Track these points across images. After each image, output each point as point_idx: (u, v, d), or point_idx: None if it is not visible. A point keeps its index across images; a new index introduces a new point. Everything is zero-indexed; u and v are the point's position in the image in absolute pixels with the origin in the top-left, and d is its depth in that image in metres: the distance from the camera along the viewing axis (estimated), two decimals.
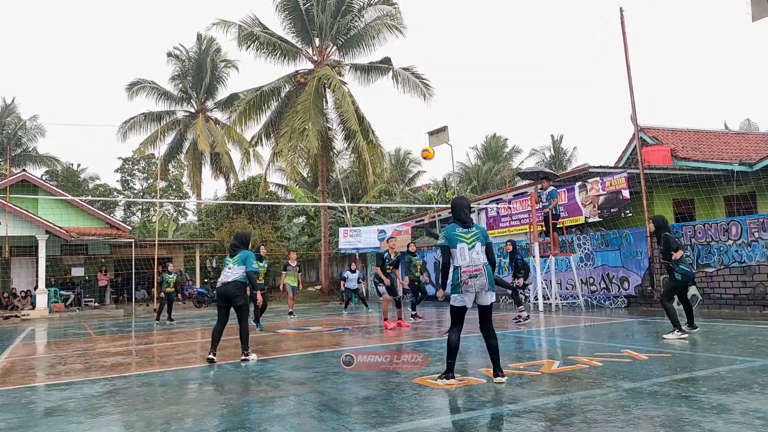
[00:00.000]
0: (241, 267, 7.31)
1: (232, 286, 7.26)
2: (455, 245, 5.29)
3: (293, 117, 23.69)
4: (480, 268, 5.23)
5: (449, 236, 5.34)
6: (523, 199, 16.98)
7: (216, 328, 7.38)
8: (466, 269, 5.22)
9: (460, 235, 5.32)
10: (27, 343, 11.38)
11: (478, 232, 5.39)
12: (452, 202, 5.63)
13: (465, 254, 5.26)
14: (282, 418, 4.31)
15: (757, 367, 5.55)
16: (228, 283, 7.27)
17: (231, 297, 7.28)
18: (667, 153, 17.44)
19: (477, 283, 5.20)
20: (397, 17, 25.45)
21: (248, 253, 7.44)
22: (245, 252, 7.44)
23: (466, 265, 5.23)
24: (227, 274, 7.34)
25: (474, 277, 5.20)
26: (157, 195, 29.90)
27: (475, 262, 5.24)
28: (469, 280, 5.19)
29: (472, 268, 5.22)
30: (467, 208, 5.56)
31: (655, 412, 4.01)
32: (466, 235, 5.33)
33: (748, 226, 11.54)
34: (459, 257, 5.27)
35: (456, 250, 5.28)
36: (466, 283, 5.19)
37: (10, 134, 39.58)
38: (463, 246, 5.27)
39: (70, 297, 23.88)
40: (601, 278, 14.62)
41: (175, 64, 36.56)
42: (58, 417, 4.66)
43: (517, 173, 25.47)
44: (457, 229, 5.37)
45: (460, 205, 5.52)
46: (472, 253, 5.26)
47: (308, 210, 31.96)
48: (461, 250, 5.27)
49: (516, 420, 3.99)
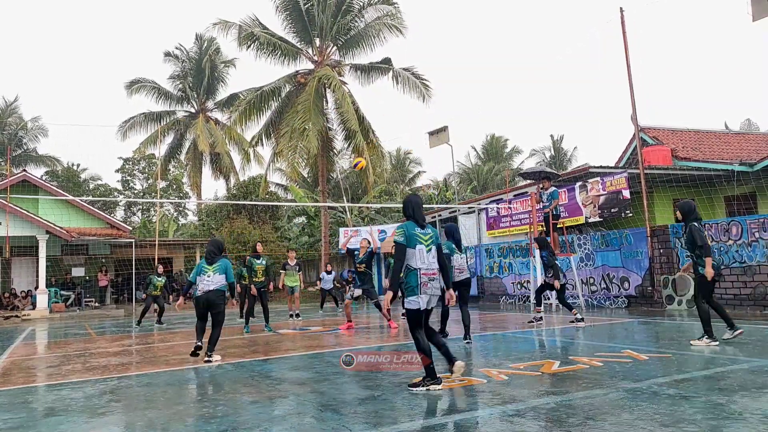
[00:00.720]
0: (221, 276, 7.51)
1: (214, 295, 7.45)
2: (414, 245, 5.06)
3: (293, 117, 23.70)
4: (435, 272, 5.11)
5: (409, 235, 5.08)
6: (524, 199, 16.99)
7: (199, 325, 7.64)
8: (426, 272, 5.05)
9: (419, 235, 5.11)
10: (27, 343, 11.38)
11: (433, 235, 5.22)
12: (407, 198, 5.37)
13: (424, 256, 5.07)
14: (282, 418, 4.31)
15: (757, 367, 5.55)
16: (210, 291, 7.44)
17: (212, 305, 7.47)
18: (667, 153, 17.45)
19: (434, 286, 5.08)
20: (397, 17, 25.44)
21: (227, 262, 7.66)
22: (225, 261, 7.66)
23: (426, 267, 5.05)
24: (207, 282, 7.46)
25: (432, 280, 5.07)
26: (158, 195, 29.93)
27: (432, 266, 5.09)
28: (428, 282, 5.04)
29: (429, 271, 5.07)
30: (421, 207, 5.35)
31: (656, 412, 4.01)
32: (424, 236, 5.13)
33: (748, 227, 11.53)
34: (418, 259, 5.04)
35: (415, 250, 5.06)
36: (425, 285, 5.02)
37: (11, 134, 39.59)
38: (422, 248, 5.07)
39: (71, 297, 23.89)
40: (602, 278, 14.62)
41: (174, 64, 36.59)
42: (59, 417, 4.66)
43: (518, 173, 25.47)
44: (416, 229, 5.14)
45: (417, 204, 5.31)
46: (429, 255, 5.10)
47: (308, 210, 31.98)
48: (420, 251, 5.06)
49: (516, 420, 3.99)
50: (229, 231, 25.95)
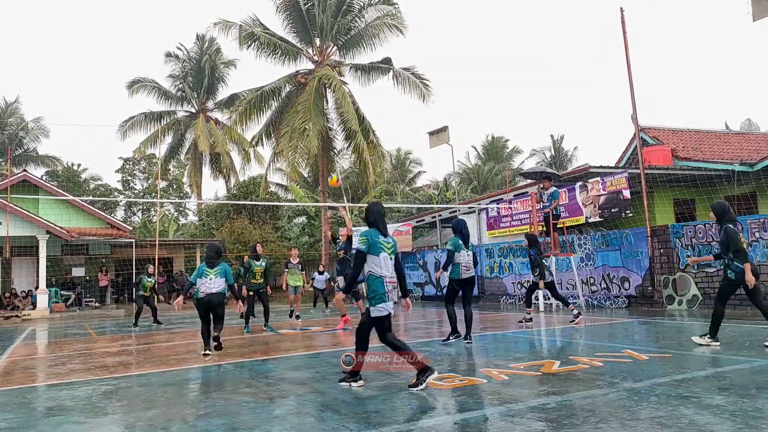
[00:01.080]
0: (222, 279, 7.95)
1: (216, 297, 7.91)
2: (378, 253, 5.10)
3: (294, 117, 23.70)
4: (395, 281, 5.28)
5: (373, 242, 5.12)
6: (524, 199, 16.98)
7: (204, 328, 8.02)
8: (390, 279, 5.16)
9: (383, 243, 5.16)
10: (28, 343, 11.39)
11: (394, 244, 5.33)
12: (370, 206, 5.40)
13: (388, 264, 5.15)
14: (283, 418, 4.31)
15: (758, 367, 5.55)
16: (212, 294, 7.89)
17: (214, 307, 7.94)
18: (667, 153, 17.44)
19: (395, 293, 5.29)
20: (398, 17, 25.44)
21: (226, 266, 8.16)
22: (224, 265, 8.14)
23: (390, 275, 5.13)
24: (210, 285, 7.88)
25: (394, 288, 5.29)
26: (158, 195, 29.92)
27: (393, 274, 5.21)
28: (392, 290, 5.25)
29: (392, 278, 5.22)
30: (383, 215, 5.43)
31: (656, 412, 4.01)
32: (387, 244, 5.19)
33: (748, 226, 11.53)
34: (383, 266, 5.12)
35: (379, 258, 5.10)
36: (390, 293, 5.18)
37: (11, 135, 39.60)
38: (385, 255, 5.14)
39: (71, 297, 23.90)
40: (602, 278, 14.62)
41: (174, 64, 36.58)
42: (59, 417, 4.66)
43: (519, 173, 25.49)
44: (380, 237, 5.19)
45: (380, 212, 5.36)
46: (391, 264, 5.21)
47: (309, 210, 31.99)
48: (384, 259, 5.12)
49: (516, 420, 3.99)
50: (229, 231, 25.95)
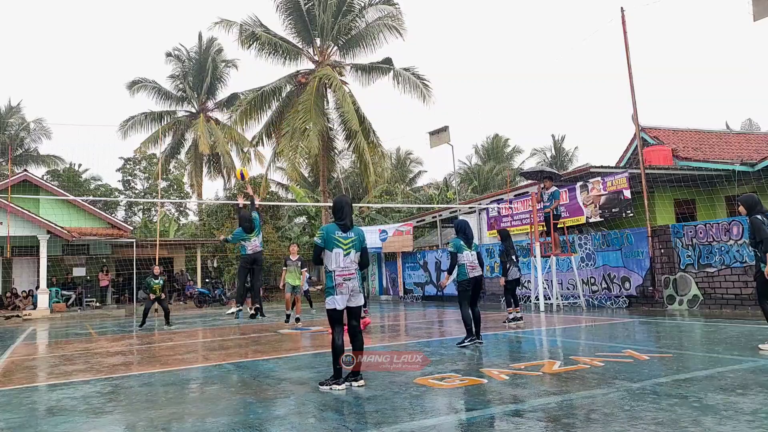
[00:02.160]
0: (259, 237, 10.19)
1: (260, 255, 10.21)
2: (331, 248, 5.27)
3: (294, 117, 23.70)
4: (353, 272, 5.31)
5: (327, 238, 5.30)
6: (524, 198, 16.98)
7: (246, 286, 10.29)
8: (341, 273, 5.26)
9: (338, 239, 5.30)
10: (28, 343, 11.40)
11: (356, 239, 5.37)
12: (335, 200, 5.54)
13: (339, 259, 5.27)
14: (283, 418, 4.32)
15: (758, 367, 5.55)
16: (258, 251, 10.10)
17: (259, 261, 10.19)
18: (668, 153, 17.43)
19: (350, 285, 5.27)
20: (398, 18, 25.43)
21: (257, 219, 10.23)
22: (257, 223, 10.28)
23: (340, 269, 5.26)
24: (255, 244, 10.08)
25: (348, 280, 5.28)
26: (159, 195, 29.93)
27: (348, 268, 5.29)
28: (343, 282, 5.25)
29: (345, 271, 5.27)
30: (350, 209, 5.50)
31: (657, 412, 4.01)
32: (344, 240, 5.31)
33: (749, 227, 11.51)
34: (333, 261, 5.26)
35: (331, 253, 5.27)
36: (340, 285, 5.24)
37: (13, 135, 39.61)
38: (339, 251, 5.27)
39: (72, 297, 23.91)
40: (602, 278, 14.62)
41: (175, 65, 36.56)
42: (60, 417, 4.67)
43: (519, 173, 25.46)
44: (337, 232, 5.32)
45: (345, 203, 5.46)
46: (347, 259, 5.29)
47: (309, 210, 31.98)
48: (336, 254, 5.27)
49: (517, 420, 3.99)
50: (230, 231, 25.92)
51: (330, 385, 5.20)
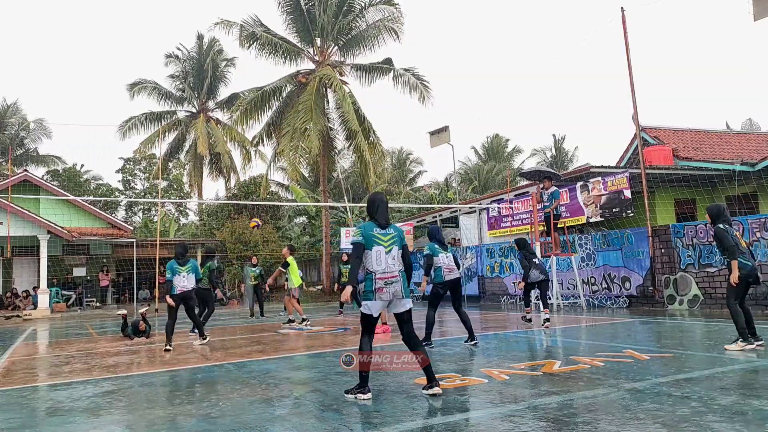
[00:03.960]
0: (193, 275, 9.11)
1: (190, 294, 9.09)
2: (371, 246, 4.87)
3: (294, 117, 23.70)
4: (396, 275, 4.87)
5: (366, 236, 4.90)
6: (525, 198, 16.98)
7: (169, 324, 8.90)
8: (382, 275, 4.82)
9: (377, 236, 4.92)
10: (28, 343, 11.39)
11: (396, 235, 5.01)
12: (370, 197, 5.20)
13: (381, 258, 4.85)
14: (284, 418, 4.31)
15: (758, 367, 5.55)
16: (187, 291, 9.01)
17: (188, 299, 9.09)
18: (668, 153, 17.43)
19: (392, 290, 4.83)
20: (399, 19, 25.43)
21: (195, 263, 9.33)
22: (193, 261, 9.29)
23: (382, 270, 4.83)
24: (185, 282, 8.97)
25: (390, 284, 4.82)
26: (159, 195, 29.93)
27: (390, 268, 4.86)
28: (384, 287, 4.81)
29: (387, 274, 4.84)
30: (386, 206, 5.14)
31: (657, 412, 4.01)
32: (384, 237, 4.93)
33: (750, 226, 11.52)
34: (374, 261, 4.85)
35: (372, 252, 4.86)
36: (380, 290, 4.80)
37: (13, 135, 39.60)
38: (380, 249, 4.87)
39: (72, 297, 23.92)
40: (603, 278, 14.61)
41: (175, 65, 36.54)
42: (60, 417, 4.67)
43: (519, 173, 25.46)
44: (375, 229, 4.96)
45: (380, 201, 5.11)
46: (389, 258, 4.88)
47: (309, 210, 31.99)
48: (377, 253, 4.86)
49: (518, 420, 3.98)
50: (230, 231, 25.96)
51: (355, 393, 4.83)
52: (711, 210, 6.99)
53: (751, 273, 6.58)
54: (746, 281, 6.63)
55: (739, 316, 6.58)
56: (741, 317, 6.58)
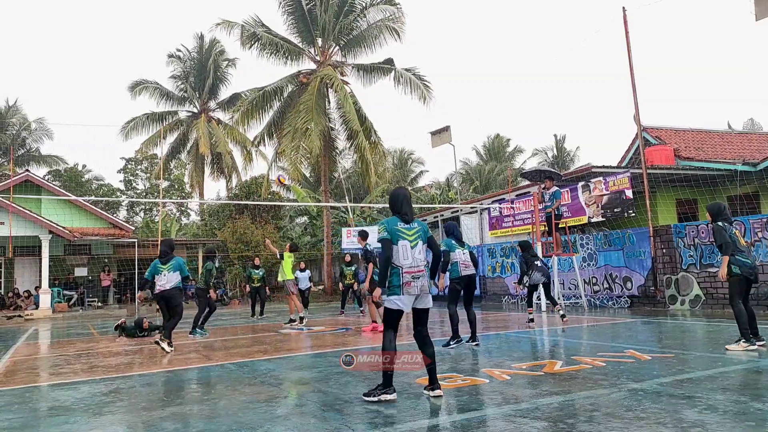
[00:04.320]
0: (175, 273, 8.43)
1: (169, 293, 8.41)
2: (397, 242, 4.78)
3: (296, 117, 23.71)
4: (422, 269, 4.80)
5: (391, 230, 4.81)
6: (526, 198, 16.97)
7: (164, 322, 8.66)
8: (409, 269, 4.74)
9: (402, 230, 4.84)
10: (30, 343, 11.41)
11: (420, 229, 4.93)
12: (392, 192, 5.11)
13: (407, 253, 4.78)
14: (285, 417, 4.31)
15: (759, 367, 5.54)
16: (165, 290, 8.39)
17: (169, 299, 8.44)
18: (670, 153, 17.40)
19: (419, 285, 4.75)
20: (400, 18, 25.43)
21: (180, 260, 8.60)
22: (177, 258, 8.58)
23: (409, 265, 4.76)
24: (163, 281, 8.38)
25: (417, 278, 4.74)
26: (160, 195, 29.95)
27: (417, 262, 4.79)
28: (412, 281, 4.72)
29: (414, 268, 4.76)
30: (409, 201, 5.05)
31: (659, 412, 4.00)
32: (408, 231, 4.85)
33: (751, 226, 11.51)
34: (401, 256, 4.76)
35: (398, 247, 4.78)
36: (408, 284, 4.71)
37: (14, 135, 39.65)
38: (405, 243, 4.80)
39: (74, 297, 23.94)
40: (604, 278, 14.60)
41: (176, 65, 36.57)
42: (61, 417, 4.67)
43: (520, 173, 25.45)
44: (399, 224, 4.87)
45: (403, 196, 5.02)
46: (415, 251, 4.81)
47: (311, 210, 31.99)
48: (404, 247, 4.78)
49: (519, 420, 3.98)
50: (231, 231, 25.98)
51: (379, 395, 4.68)
52: (711, 208, 7.04)
53: (751, 271, 6.59)
54: (747, 279, 6.62)
55: (742, 316, 6.54)
56: (744, 317, 6.54)
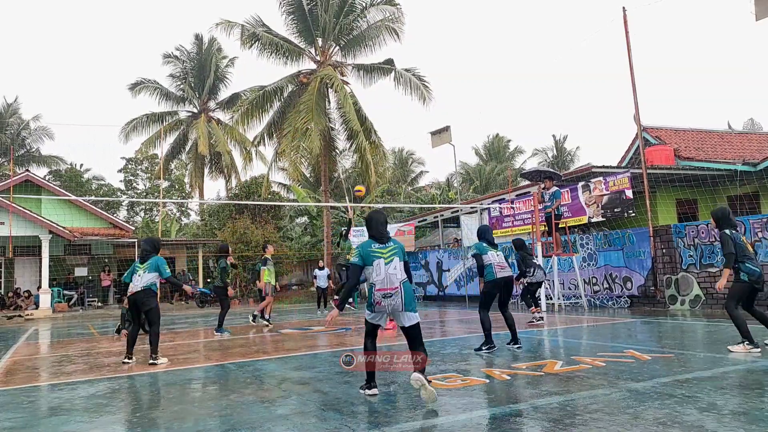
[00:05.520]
0: (152, 273, 7.35)
1: (142, 295, 7.29)
2: (371, 262, 4.96)
3: (296, 117, 23.70)
4: (396, 287, 4.86)
5: (364, 254, 5.00)
6: (526, 198, 16.97)
7: (131, 331, 7.67)
8: (380, 288, 4.85)
9: (376, 251, 5.00)
10: (30, 343, 11.41)
11: (396, 248, 5.08)
12: (368, 216, 5.29)
13: (381, 269, 4.90)
14: (285, 417, 4.31)
15: (760, 368, 5.54)
16: (135, 292, 7.31)
17: (140, 304, 7.35)
18: (670, 153, 17.41)
19: (391, 304, 4.83)
20: (400, 19, 25.43)
21: (159, 259, 7.49)
22: (156, 258, 7.48)
23: (380, 282, 4.87)
24: (137, 282, 7.33)
25: (388, 297, 4.82)
26: (160, 195, 29.95)
27: (390, 279, 4.87)
28: (382, 300, 4.82)
29: (387, 286, 4.85)
30: (383, 224, 5.21)
31: (658, 412, 4.00)
32: (383, 250, 5.00)
33: (751, 226, 11.51)
34: (374, 273, 4.91)
35: (372, 266, 4.94)
36: (378, 303, 4.84)
37: (13, 134, 39.66)
38: (379, 261, 4.93)
39: (74, 297, 23.94)
40: (604, 278, 14.60)
41: (175, 65, 36.52)
42: (61, 417, 4.67)
43: (520, 173, 25.43)
44: (373, 245, 5.05)
45: (376, 220, 5.19)
46: (389, 268, 4.91)
47: (310, 210, 31.99)
48: (377, 265, 4.92)
49: (519, 420, 3.98)
50: (231, 231, 25.98)
51: (364, 389, 5.00)
52: (716, 214, 7.00)
53: (758, 279, 6.52)
54: (753, 287, 6.57)
55: (739, 319, 6.50)
56: (742, 320, 6.50)
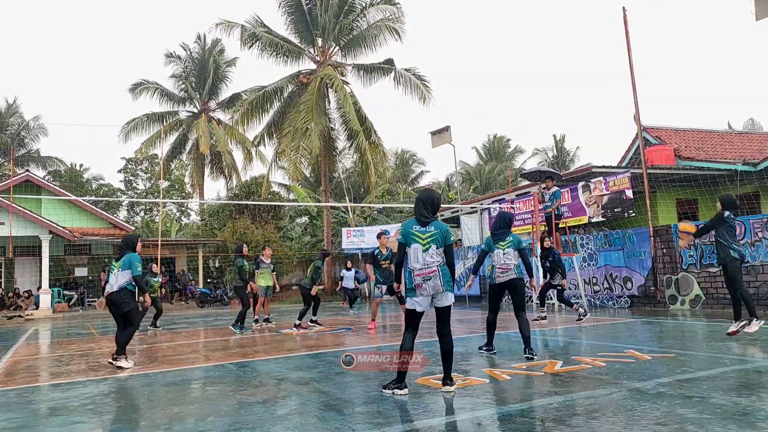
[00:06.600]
0: (126, 272, 7.12)
1: (116, 295, 7.09)
2: (410, 244, 4.93)
3: (296, 117, 23.72)
4: (434, 270, 4.84)
5: (405, 233, 4.97)
6: (526, 198, 16.98)
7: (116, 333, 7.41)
8: (419, 272, 4.85)
9: (416, 234, 4.93)
10: (30, 343, 11.41)
11: (437, 233, 4.91)
12: (418, 195, 5.16)
13: (418, 256, 4.88)
14: (285, 418, 4.31)
15: (760, 368, 5.54)
16: (111, 293, 7.11)
17: (118, 305, 7.13)
18: (670, 153, 17.41)
19: (431, 285, 4.83)
20: (400, 18, 25.43)
21: (134, 256, 7.22)
22: (130, 255, 7.22)
23: (419, 268, 4.86)
24: (112, 282, 7.14)
25: (428, 279, 4.82)
26: (160, 195, 29.96)
27: (428, 265, 4.85)
28: (423, 283, 4.83)
29: (425, 270, 4.84)
30: (429, 203, 5.02)
31: (659, 412, 4.00)
32: (422, 235, 4.91)
33: (751, 226, 11.51)
34: (412, 258, 4.90)
35: (410, 249, 4.92)
36: (419, 286, 4.84)
37: (13, 134, 39.66)
38: (417, 247, 4.90)
39: (74, 297, 23.94)
40: (605, 278, 14.60)
41: (176, 65, 36.53)
42: (61, 417, 4.67)
43: (520, 173, 25.43)
44: (415, 227, 4.95)
45: (421, 200, 5.04)
46: (426, 255, 4.87)
47: (311, 210, 31.99)
48: (415, 250, 4.90)
49: (519, 420, 3.98)
50: (231, 231, 25.99)
51: (392, 388, 4.91)
52: (724, 199, 7.60)
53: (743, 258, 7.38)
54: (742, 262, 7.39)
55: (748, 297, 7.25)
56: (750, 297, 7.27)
